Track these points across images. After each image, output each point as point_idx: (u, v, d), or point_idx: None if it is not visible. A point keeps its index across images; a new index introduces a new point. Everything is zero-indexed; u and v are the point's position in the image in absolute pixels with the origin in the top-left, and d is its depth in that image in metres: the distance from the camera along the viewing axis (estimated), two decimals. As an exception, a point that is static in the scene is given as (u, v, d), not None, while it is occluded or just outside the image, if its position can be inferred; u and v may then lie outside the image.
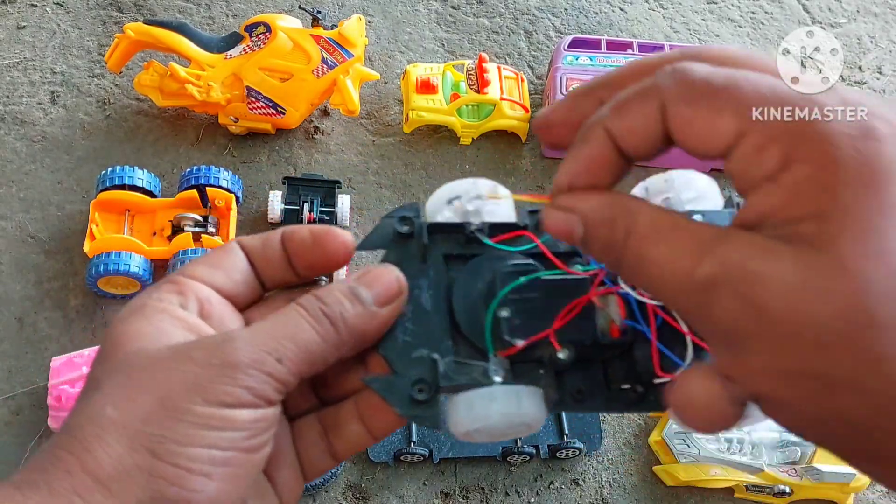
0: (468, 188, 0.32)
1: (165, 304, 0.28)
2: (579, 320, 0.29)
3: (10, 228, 0.89)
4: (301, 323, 0.27)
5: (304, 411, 0.31)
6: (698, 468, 0.79)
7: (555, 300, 0.29)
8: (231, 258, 0.30)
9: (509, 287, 0.29)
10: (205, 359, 0.26)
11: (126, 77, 1.00)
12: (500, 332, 0.29)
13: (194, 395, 0.25)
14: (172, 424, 0.24)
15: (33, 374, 0.81)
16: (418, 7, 1.11)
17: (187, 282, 0.29)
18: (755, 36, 1.14)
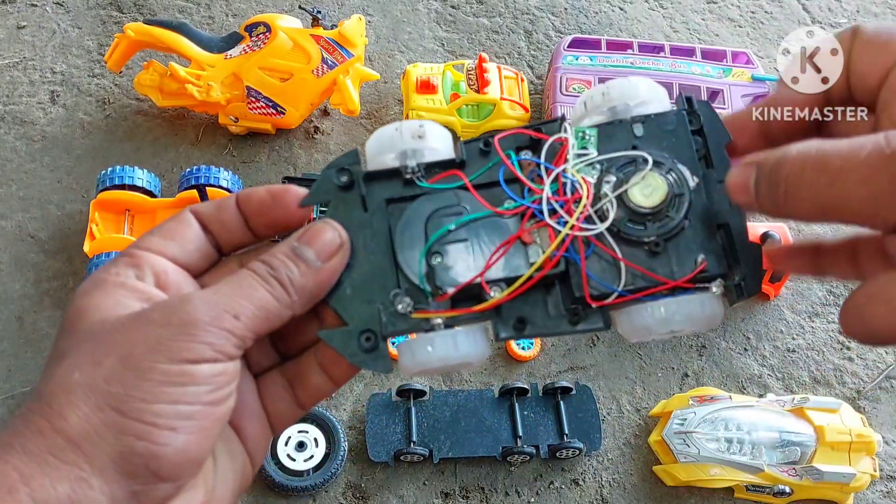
0: (403, 134, 0.32)
1: (122, 277, 0.29)
2: (512, 258, 0.30)
3: (9, 228, 0.89)
4: (254, 283, 0.28)
5: (267, 368, 0.33)
6: (698, 468, 0.79)
7: (486, 239, 0.30)
8: (184, 227, 0.31)
9: (438, 234, 0.30)
10: (164, 319, 0.27)
11: (126, 77, 1.00)
12: (434, 279, 0.30)
13: (156, 353, 0.26)
14: (137, 382, 0.25)
15: (33, 374, 0.81)
16: (418, 7, 1.11)
17: (142, 254, 0.30)
18: (755, 36, 1.14)
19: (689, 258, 0.29)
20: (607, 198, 0.29)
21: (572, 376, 0.87)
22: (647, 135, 0.31)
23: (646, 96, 0.31)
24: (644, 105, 0.31)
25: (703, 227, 0.30)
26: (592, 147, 0.31)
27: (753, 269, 0.29)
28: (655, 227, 0.29)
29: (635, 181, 0.30)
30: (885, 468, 0.84)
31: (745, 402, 0.82)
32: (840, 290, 0.95)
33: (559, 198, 0.30)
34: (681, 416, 0.81)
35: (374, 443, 0.79)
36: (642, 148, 0.30)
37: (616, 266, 0.29)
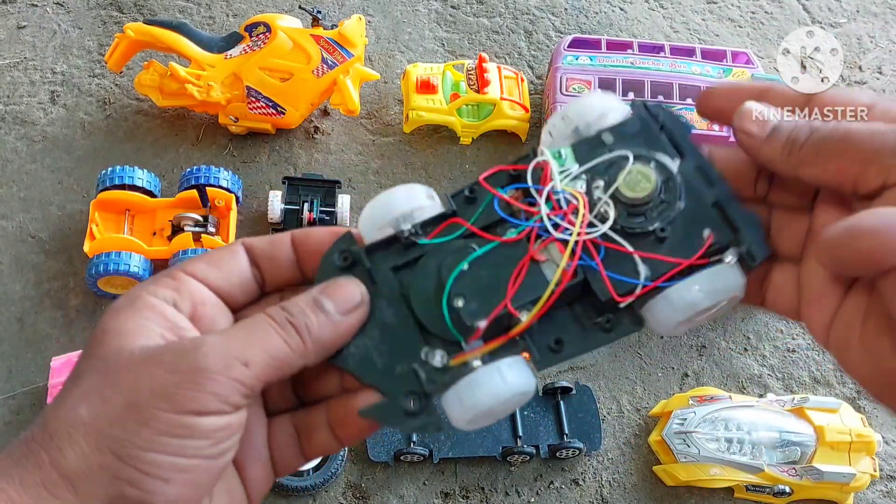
0: (391, 203, 0.32)
1: (158, 300, 0.29)
2: (530, 279, 0.30)
3: (10, 228, 0.89)
4: (268, 330, 0.28)
5: (282, 409, 0.33)
6: (698, 468, 0.79)
7: (501, 270, 0.30)
8: (232, 258, 0.31)
9: (453, 276, 0.30)
10: (173, 364, 0.26)
11: (126, 77, 1.00)
12: (462, 320, 0.29)
13: (160, 401, 0.26)
14: (137, 429, 0.25)
15: (33, 374, 0.81)
16: (418, 7, 1.11)
17: (186, 278, 0.30)
18: (755, 36, 1.14)
19: (696, 236, 0.30)
20: (602, 200, 0.30)
21: (572, 376, 0.87)
22: (617, 140, 0.32)
23: (602, 109, 0.32)
24: (604, 118, 0.32)
25: (698, 206, 0.30)
26: (572, 162, 0.31)
27: (756, 233, 0.29)
28: (655, 214, 0.30)
29: (622, 177, 0.30)
30: (885, 468, 0.84)
31: (745, 402, 0.82)
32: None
33: (557, 212, 0.30)
34: (681, 416, 0.81)
35: (375, 443, 0.79)
36: (617, 151, 0.31)
37: (631, 261, 0.29)
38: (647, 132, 0.32)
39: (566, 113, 0.32)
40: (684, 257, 0.29)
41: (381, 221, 0.32)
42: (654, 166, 0.31)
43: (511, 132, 1.00)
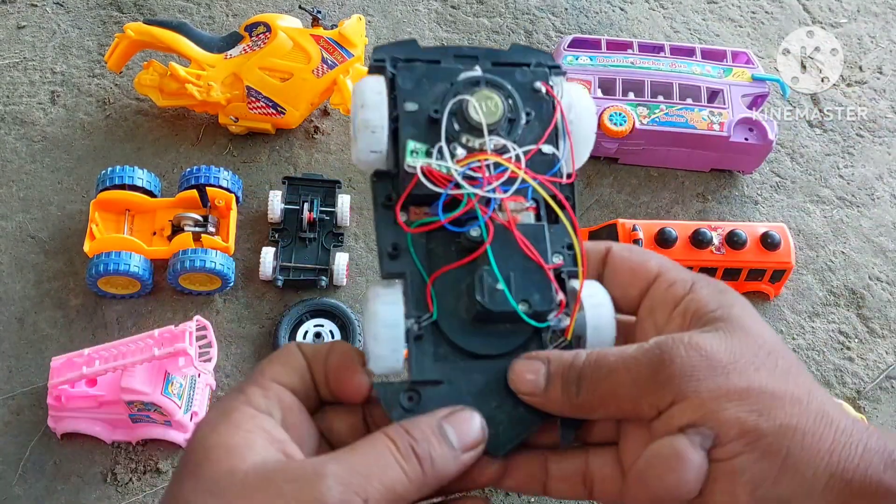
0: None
1: (254, 410, 0.28)
2: (532, 240, 0.31)
3: (10, 228, 0.89)
4: (389, 460, 0.27)
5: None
6: None
7: (510, 253, 0.31)
8: (294, 358, 0.30)
9: (504, 284, 0.30)
10: (296, 495, 0.25)
11: (126, 77, 1.00)
12: (537, 309, 0.30)
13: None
14: None
15: (33, 374, 0.81)
16: (418, 7, 1.11)
17: (272, 385, 0.29)
18: (755, 36, 1.14)
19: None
20: (484, 143, 0.31)
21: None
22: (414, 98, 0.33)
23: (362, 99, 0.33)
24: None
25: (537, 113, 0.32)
26: (422, 145, 0.31)
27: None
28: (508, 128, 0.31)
29: (474, 110, 0.31)
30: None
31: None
32: (841, 289, 0.95)
33: (475, 183, 0.30)
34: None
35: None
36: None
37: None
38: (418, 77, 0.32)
39: (359, 125, 0.31)
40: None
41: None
42: (486, 87, 0.31)
43: (511, 132, 0.99)
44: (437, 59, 0.32)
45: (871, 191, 1.03)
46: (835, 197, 1.02)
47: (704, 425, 0.26)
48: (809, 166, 1.04)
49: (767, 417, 0.25)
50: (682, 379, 0.26)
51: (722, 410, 0.26)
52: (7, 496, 0.75)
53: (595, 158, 1.00)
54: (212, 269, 0.82)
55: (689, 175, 1.01)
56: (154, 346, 0.72)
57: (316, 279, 0.87)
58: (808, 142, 1.05)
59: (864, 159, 1.05)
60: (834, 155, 1.05)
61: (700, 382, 0.26)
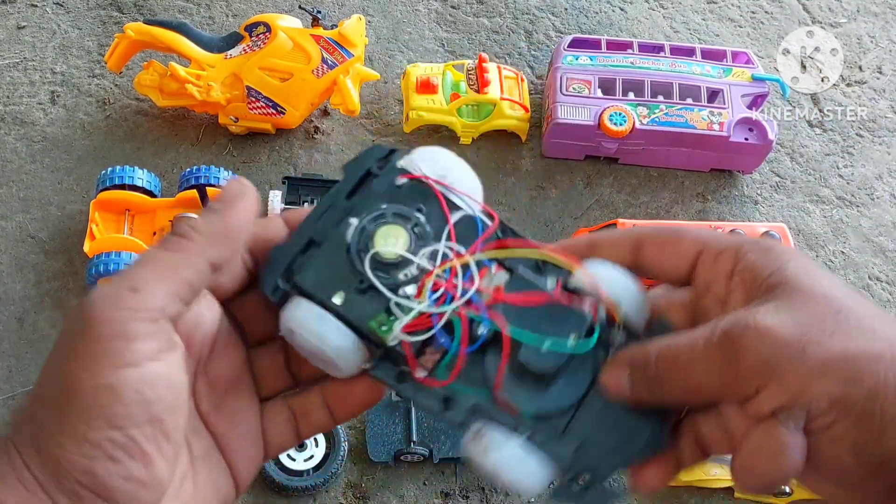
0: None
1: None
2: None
3: (10, 228, 0.89)
4: (151, 251, 0.28)
5: (276, 392, 0.33)
6: (698, 468, 0.79)
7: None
8: (274, 226, 0.32)
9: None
10: (74, 326, 0.26)
11: (126, 77, 1.00)
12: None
13: (80, 371, 0.25)
14: (69, 409, 0.25)
15: (33, 374, 0.81)
16: (418, 7, 1.11)
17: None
18: (755, 36, 1.14)
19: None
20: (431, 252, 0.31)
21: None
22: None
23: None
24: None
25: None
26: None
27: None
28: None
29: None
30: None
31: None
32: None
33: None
34: (681, 416, 0.81)
35: (375, 443, 0.79)
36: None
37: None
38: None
39: (330, 357, 0.31)
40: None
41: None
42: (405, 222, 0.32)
43: (511, 132, 1.00)
44: (307, 241, 0.31)
45: (871, 191, 1.03)
46: (834, 197, 1.02)
47: (794, 406, 0.26)
48: (809, 166, 1.04)
49: (853, 384, 0.25)
50: (762, 367, 0.27)
51: (808, 388, 0.26)
52: None
53: (595, 158, 1.00)
54: (212, 269, 0.82)
55: (689, 175, 1.01)
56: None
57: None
58: (807, 142, 1.05)
59: (864, 159, 1.05)
60: (834, 155, 1.05)
61: (780, 366, 0.26)
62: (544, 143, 0.98)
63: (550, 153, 0.99)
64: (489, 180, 0.98)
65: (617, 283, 0.31)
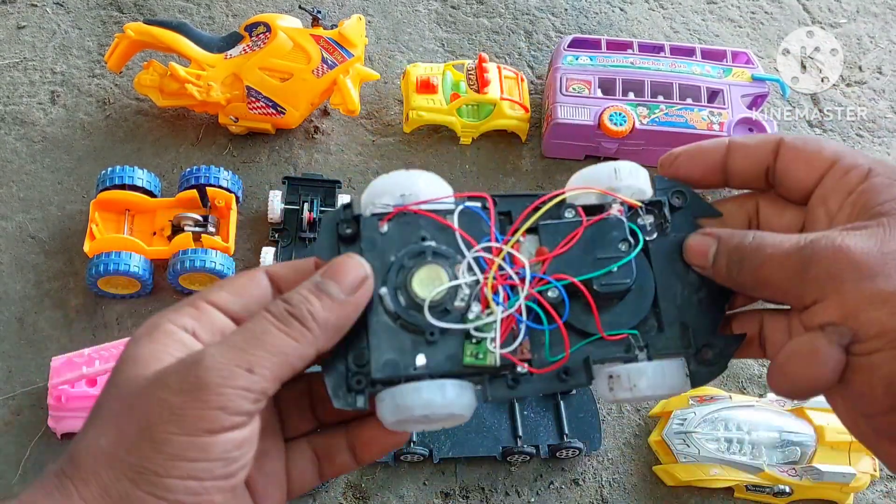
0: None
1: (176, 327, 0.29)
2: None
3: (10, 228, 0.89)
4: (269, 328, 0.28)
5: (302, 433, 0.33)
6: (698, 468, 0.79)
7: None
8: (254, 286, 0.31)
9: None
10: (178, 384, 0.26)
11: (126, 77, 1.00)
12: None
13: (170, 423, 0.26)
14: (152, 456, 0.26)
15: (33, 374, 0.81)
16: (418, 7, 1.11)
17: (205, 307, 0.30)
18: (755, 36, 1.14)
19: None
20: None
21: (572, 376, 0.87)
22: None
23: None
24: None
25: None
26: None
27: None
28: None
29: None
30: (885, 468, 0.84)
31: (745, 401, 0.82)
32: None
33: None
34: (681, 416, 0.81)
35: (375, 443, 0.79)
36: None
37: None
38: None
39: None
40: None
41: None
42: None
43: (511, 132, 1.00)
44: (346, 343, 0.31)
45: (871, 191, 1.03)
46: (834, 197, 1.02)
47: (844, 324, 0.27)
48: (809, 166, 1.04)
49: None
50: (826, 281, 0.27)
51: (862, 312, 0.27)
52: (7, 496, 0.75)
53: (595, 159, 1.00)
54: (212, 269, 0.82)
55: (688, 175, 1.01)
56: (154, 346, 0.72)
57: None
58: (807, 142, 1.05)
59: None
60: (834, 155, 1.05)
61: (843, 284, 0.27)
62: (544, 143, 0.98)
63: (550, 153, 0.99)
64: (489, 180, 0.98)
65: (602, 176, 0.32)
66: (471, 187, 0.96)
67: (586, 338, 0.31)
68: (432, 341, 0.30)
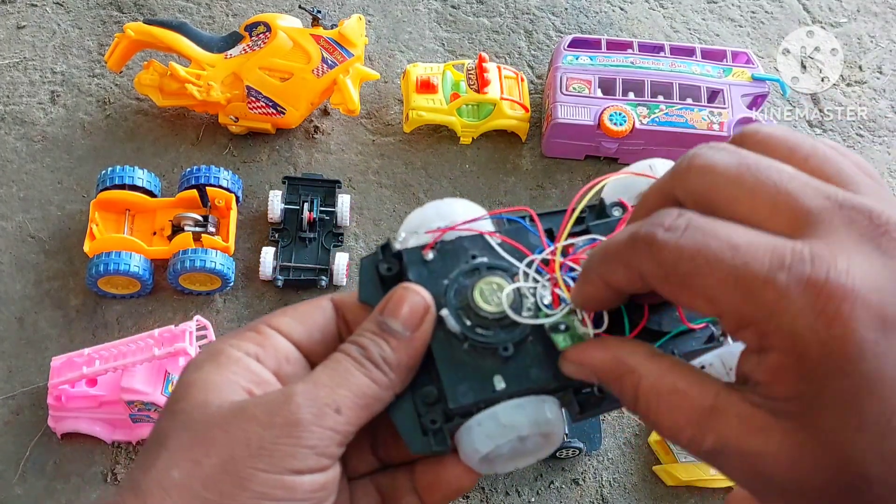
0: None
1: (241, 352, 0.28)
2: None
3: (10, 228, 0.89)
4: (350, 369, 0.27)
5: (363, 473, 0.31)
6: (698, 468, 0.79)
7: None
8: (319, 314, 0.30)
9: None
10: (268, 418, 0.25)
11: (126, 77, 1.00)
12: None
13: (258, 459, 0.25)
14: (235, 492, 0.24)
15: (33, 374, 0.81)
16: (418, 6, 1.11)
17: (270, 333, 0.29)
18: (755, 36, 1.14)
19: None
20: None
21: (572, 376, 0.87)
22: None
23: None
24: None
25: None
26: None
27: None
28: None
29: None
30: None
31: (745, 401, 0.82)
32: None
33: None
34: (681, 416, 0.81)
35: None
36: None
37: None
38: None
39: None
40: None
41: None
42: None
43: (511, 132, 0.99)
44: (411, 383, 0.29)
45: (871, 191, 1.03)
46: (835, 197, 1.02)
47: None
48: (809, 166, 1.04)
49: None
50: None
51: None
52: (7, 496, 0.75)
53: (595, 158, 1.00)
54: (212, 269, 0.82)
55: (689, 175, 1.00)
56: (154, 345, 0.72)
57: (316, 279, 0.87)
58: (808, 142, 1.05)
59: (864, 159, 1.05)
60: (834, 155, 1.05)
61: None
62: (544, 143, 0.98)
63: (550, 153, 0.99)
64: (489, 180, 0.98)
65: (639, 167, 0.31)
66: (471, 187, 0.96)
67: (661, 338, 0.29)
68: (505, 357, 0.28)
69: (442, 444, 0.28)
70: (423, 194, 0.95)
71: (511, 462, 0.29)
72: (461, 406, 0.27)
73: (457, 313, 0.28)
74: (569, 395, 0.29)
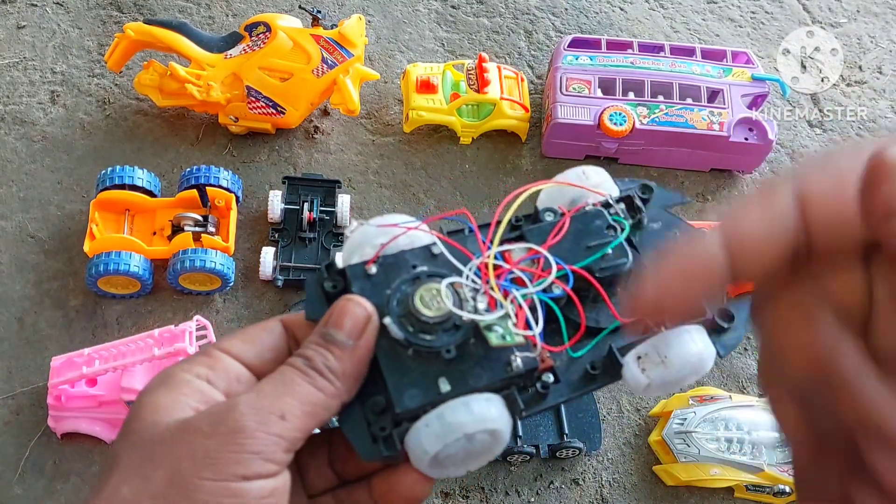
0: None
1: (191, 376, 0.28)
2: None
3: (10, 228, 0.89)
4: (295, 378, 0.28)
5: (322, 490, 0.32)
6: (698, 468, 0.79)
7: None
8: (268, 335, 0.31)
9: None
10: (211, 428, 0.26)
11: (126, 77, 1.00)
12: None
13: (203, 468, 0.25)
14: (181, 502, 0.25)
15: (33, 374, 0.81)
16: (418, 7, 1.11)
17: (220, 356, 0.29)
18: (755, 36, 1.14)
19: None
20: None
21: (572, 376, 0.87)
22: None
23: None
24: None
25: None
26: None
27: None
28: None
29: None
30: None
31: (745, 401, 0.82)
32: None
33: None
34: (681, 416, 0.81)
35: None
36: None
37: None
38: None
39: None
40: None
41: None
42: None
43: (511, 132, 0.99)
44: (359, 391, 0.29)
45: (871, 191, 1.03)
46: (835, 197, 1.02)
47: None
48: (809, 166, 1.04)
49: None
50: None
51: None
52: (7, 496, 0.75)
53: (595, 158, 1.00)
54: (212, 268, 0.82)
55: (689, 175, 1.01)
56: (154, 345, 0.72)
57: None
58: (807, 142, 1.05)
59: None
60: (834, 155, 1.05)
61: None
62: (544, 143, 0.98)
63: (550, 153, 0.99)
64: (489, 180, 0.98)
65: (572, 174, 0.33)
66: (471, 187, 0.96)
67: (598, 334, 0.30)
68: (448, 360, 0.29)
69: (391, 449, 0.28)
70: (422, 194, 0.95)
71: (462, 464, 0.30)
72: (408, 409, 0.28)
73: (399, 321, 0.29)
74: (512, 394, 0.29)
